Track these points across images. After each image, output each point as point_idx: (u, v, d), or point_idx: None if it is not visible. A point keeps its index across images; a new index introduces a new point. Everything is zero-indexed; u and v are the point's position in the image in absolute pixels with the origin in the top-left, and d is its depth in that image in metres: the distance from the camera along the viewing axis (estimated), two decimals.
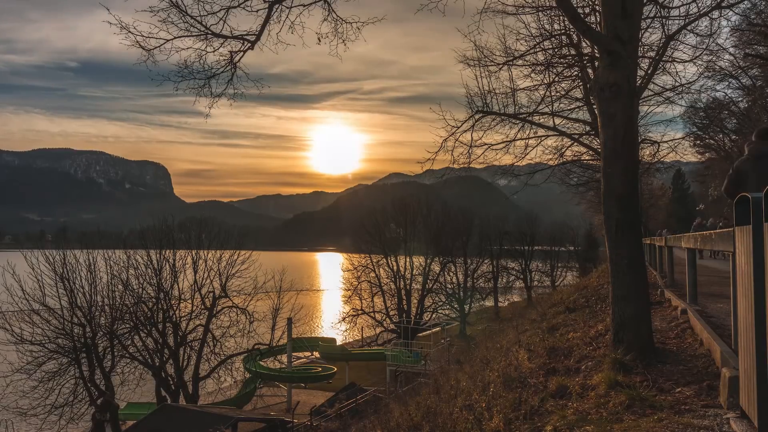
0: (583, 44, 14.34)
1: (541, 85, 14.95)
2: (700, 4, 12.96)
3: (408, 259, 47.43)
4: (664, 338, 7.02)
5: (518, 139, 15.32)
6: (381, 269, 47.08)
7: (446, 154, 13.95)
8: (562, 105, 16.00)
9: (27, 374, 21.19)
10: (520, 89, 14.88)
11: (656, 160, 20.10)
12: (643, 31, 13.54)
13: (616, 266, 6.39)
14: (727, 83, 29.54)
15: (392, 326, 44.85)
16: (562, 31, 14.40)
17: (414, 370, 30.94)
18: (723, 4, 12.87)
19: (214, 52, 9.18)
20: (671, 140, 18.97)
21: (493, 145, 15.21)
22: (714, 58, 17.71)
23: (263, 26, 8.99)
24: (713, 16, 13.41)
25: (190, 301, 26.42)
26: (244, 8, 8.83)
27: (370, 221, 50.89)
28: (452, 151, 13.92)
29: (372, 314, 46.33)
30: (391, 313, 45.55)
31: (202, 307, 26.48)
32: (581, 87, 15.50)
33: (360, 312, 45.89)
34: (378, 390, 29.64)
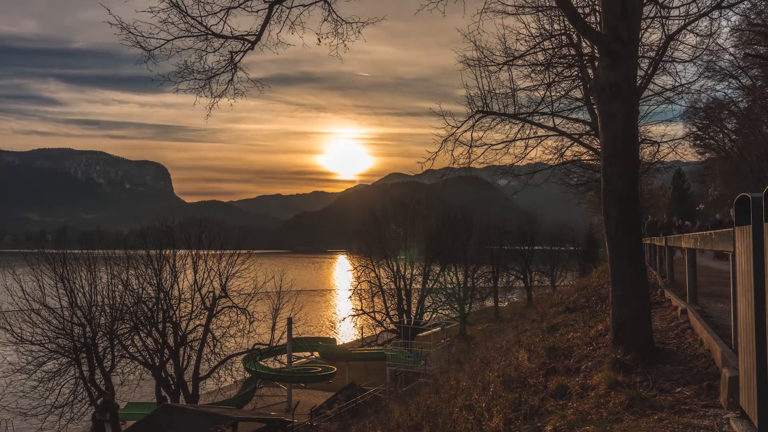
0: (583, 44, 14.34)
1: (541, 85, 14.95)
2: (700, 4, 12.97)
3: (408, 259, 47.43)
4: (664, 338, 7.02)
5: (518, 139, 15.32)
6: (381, 269, 47.08)
7: (446, 154, 13.94)
8: (562, 105, 16.01)
9: (27, 374, 21.20)
10: (520, 89, 14.89)
11: (656, 160, 20.05)
12: (643, 31, 13.54)
13: (616, 266, 6.40)
14: (727, 83, 29.56)
15: (392, 326, 44.85)
16: (562, 31, 14.40)
17: (414, 370, 30.94)
18: (723, 4, 12.86)
19: (214, 52, 9.19)
20: (671, 140, 18.93)
21: (493, 145, 15.21)
22: (714, 58, 17.74)
23: (263, 26, 9.00)
24: (713, 16, 13.41)
25: (190, 301, 26.42)
26: (244, 8, 8.83)
27: (370, 221, 50.90)
28: (452, 151, 13.92)
29: (372, 314, 46.34)
30: (391, 313, 45.55)
31: (202, 307, 26.48)
32: (581, 87, 15.50)
33: (360, 312, 45.90)
34: (378, 390, 29.67)
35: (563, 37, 14.60)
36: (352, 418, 18.31)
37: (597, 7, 13.35)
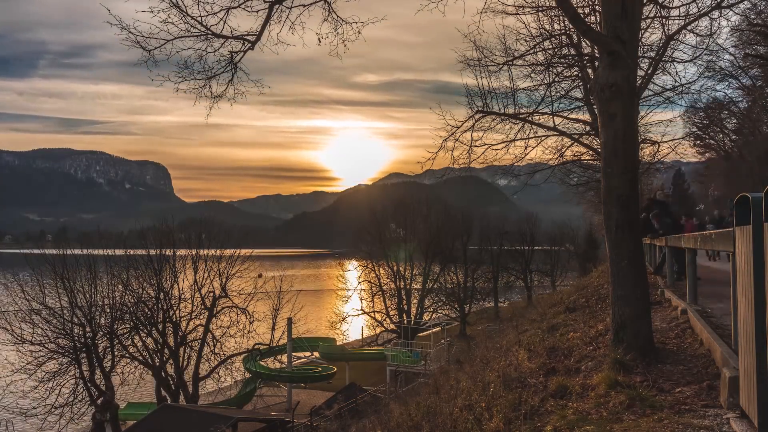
0: (583, 44, 14.34)
1: (541, 85, 14.95)
2: (700, 4, 12.98)
3: (408, 259, 47.44)
4: (664, 338, 7.02)
5: (518, 139, 15.31)
6: (381, 269, 47.07)
7: (446, 154, 13.93)
8: (562, 105, 16.00)
9: (27, 374, 21.20)
10: (520, 89, 14.89)
11: (656, 160, 20.06)
12: (643, 31, 13.54)
13: (616, 266, 6.40)
14: (727, 83, 29.55)
15: (392, 326, 44.85)
16: (562, 31, 14.40)
17: (414, 370, 30.94)
18: (723, 4, 12.87)
19: (214, 52, 9.18)
20: (671, 140, 18.94)
21: (493, 145, 15.19)
22: (714, 58, 17.71)
23: (263, 26, 9.00)
24: (713, 16, 13.42)
25: (190, 301, 26.42)
26: (244, 8, 8.83)
27: (370, 221, 50.89)
28: (452, 151, 13.90)
29: (372, 314, 46.33)
30: (391, 313, 45.54)
31: (202, 307, 26.48)
32: (581, 87, 15.51)
33: (360, 312, 45.90)
34: (378, 390, 29.65)
35: (563, 37, 14.61)
36: (352, 418, 18.30)
37: (597, 7, 13.36)
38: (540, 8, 14.14)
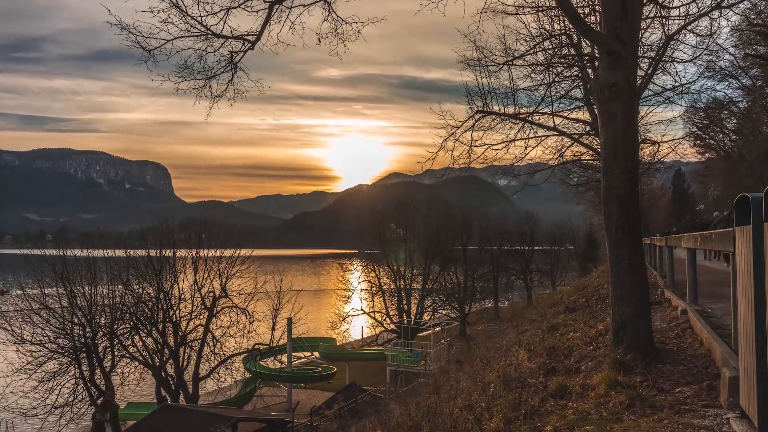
0: (583, 44, 14.34)
1: (541, 85, 14.93)
2: (700, 4, 12.96)
3: (408, 259, 47.44)
4: (664, 338, 7.02)
5: (518, 139, 15.29)
6: (381, 269, 47.06)
7: (446, 154, 13.91)
8: (562, 105, 15.97)
9: (27, 374, 21.19)
10: (520, 89, 14.87)
11: (656, 160, 20.05)
12: (643, 31, 13.53)
13: (616, 266, 6.40)
14: (727, 83, 29.54)
15: (392, 326, 44.84)
16: (562, 31, 14.39)
17: (414, 370, 30.93)
18: (723, 4, 12.86)
19: (214, 52, 9.19)
20: (671, 140, 18.91)
21: (493, 145, 15.17)
22: (714, 58, 17.71)
23: (263, 26, 9.00)
24: (713, 16, 13.40)
25: (190, 301, 26.41)
26: (244, 8, 8.83)
27: (370, 221, 50.87)
28: (452, 151, 13.89)
29: (372, 314, 46.33)
30: (391, 313, 45.54)
31: (202, 307, 26.48)
32: (581, 87, 15.49)
33: (360, 312, 45.89)
34: (378, 390, 29.64)
35: (563, 37, 14.59)
36: (352, 418, 18.30)
37: (597, 7, 13.35)
38: (540, 8, 14.13)
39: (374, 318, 46.32)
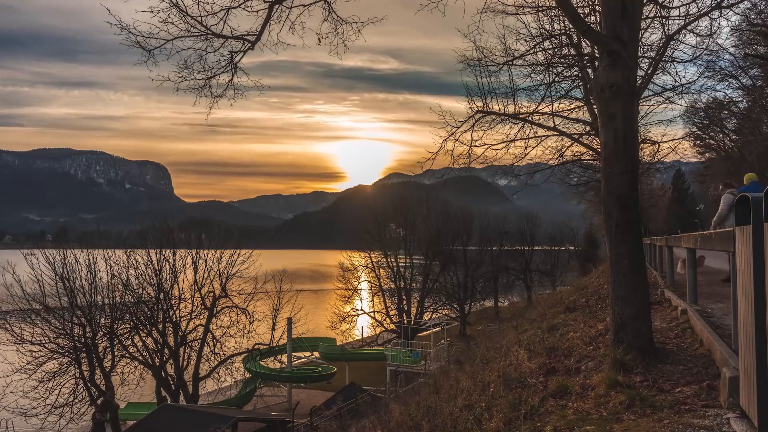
0: (583, 44, 14.35)
1: (541, 85, 14.95)
2: (700, 4, 12.98)
3: (408, 259, 47.46)
4: (664, 338, 7.02)
5: (518, 139, 15.30)
6: (381, 269, 47.06)
7: (446, 154, 13.92)
8: (562, 105, 16.00)
9: (27, 374, 21.18)
10: (520, 89, 14.89)
11: (656, 160, 20.06)
12: (643, 31, 13.54)
13: (616, 266, 6.40)
14: (727, 83, 29.56)
15: (392, 326, 44.84)
16: (562, 31, 14.41)
17: (414, 370, 30.93)
18: (723, 4, 12.87)
19: (214, 52, 9.18)
20: (671, 140, 18.92)
21: (493, 145, 15.19)
22: (714, 58, 17.72)
23: (263, 26, 9.00)
24: (713, 16, 13.42)
25: (190, 301, 26.41)
26: (244, 8, 8.83)
27: (370, 221, 50.87)
28: (452, 152, 13.90)
29: (372, 314, 46.32)
30: (391, 313, 45.54)
31: (202, 307, 26.47)
32: (581, 87, 15.50)
33: (360, 312, 45.89)
34: (378, 390, 29.65)
35: (563, 37, 14.61)
36: (352, 418, 18.32)
37: (597, 7, 13.35)
38: (540, 8, 14.15)
39: (374, 318, 46.33)
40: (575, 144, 17.49)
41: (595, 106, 11.75)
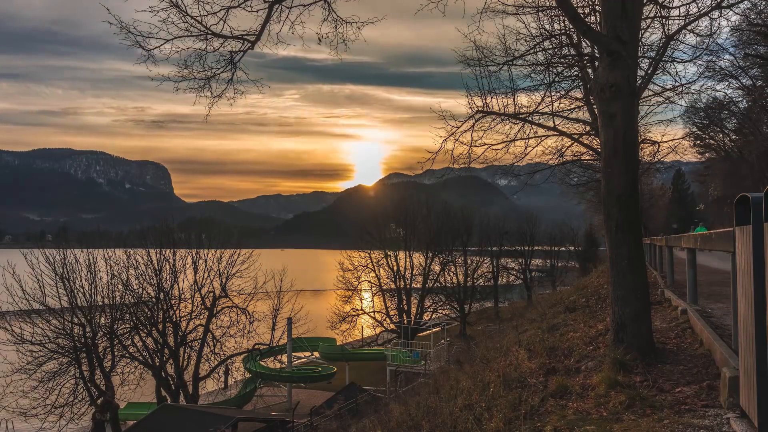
0: (583, 44, 14.33)
1: (541, 85, 14.93)
2: (700, 4, 12.96)
3: (408, 259, 47.44)
4: (664, 338, 7.02)
5: (518, 139, 15.29)
6: (381, 269, 47.05)
7: (446, 154, 13.91)
8: (562, 105, 15.98)
9: (27, 374, 21.17)
10: (520, 89, 14.88)
11: (656, 160, 20.06)
12: (643, 31, 13.53)
13: (616, 266, 6.40)
14: (727, 83, 29.56)
15: (392, 326, 44.83)
16: (562, 31, 14.39)
17: (414, 370, 30.92)
18: (723, 4, 12.85)
19: (214, 52, 9.18)
20: (671, 140, 18.91)
21: (493, 145, 15.18)
22: (714, 58, 17.71)
23: (263, 26, 8.99)
24: (713, 16, 13.40)
25: (190, 301, 26.40)
26: (244, 8, 8.82)
27: (370, 221, 50.85)
28: (452, 151, 13.89)
29: (372, 314, 46.30)
30: (391, 313, 45.53)
31: (202, 307, 26.46)
32: (581, 87, 15.49)
33: (360, 312, 45.86)
34: (378, 390, 29.63)
35: (563, 37, 14.59)
36: (352, 418, 18.31)
37: (597, 7, 13.35)
38: (540, 8, 14.13)
39: (374, 318, 46.31)
40: (575, 144, 17.49)
41: (595, 106, 11.75)
